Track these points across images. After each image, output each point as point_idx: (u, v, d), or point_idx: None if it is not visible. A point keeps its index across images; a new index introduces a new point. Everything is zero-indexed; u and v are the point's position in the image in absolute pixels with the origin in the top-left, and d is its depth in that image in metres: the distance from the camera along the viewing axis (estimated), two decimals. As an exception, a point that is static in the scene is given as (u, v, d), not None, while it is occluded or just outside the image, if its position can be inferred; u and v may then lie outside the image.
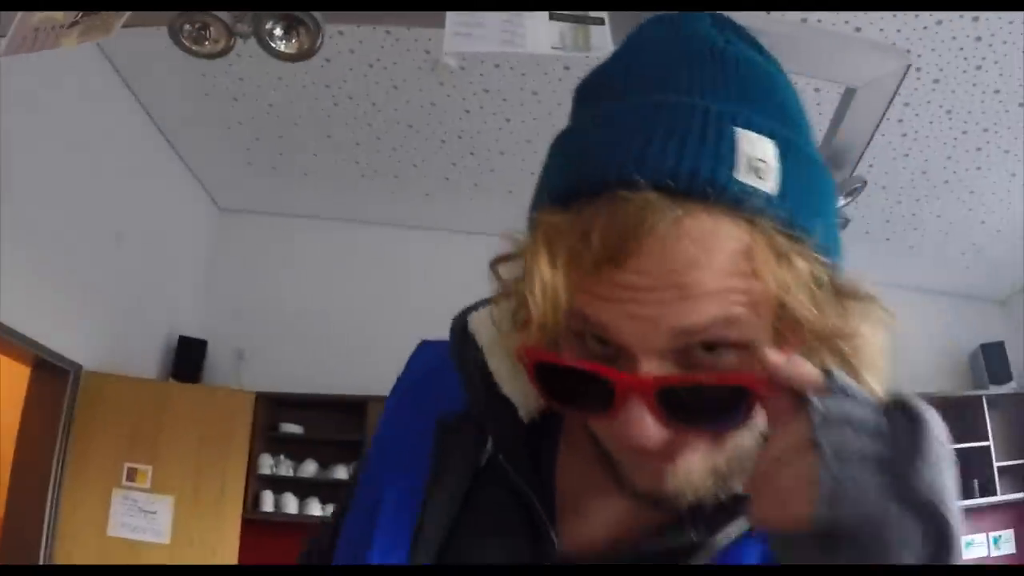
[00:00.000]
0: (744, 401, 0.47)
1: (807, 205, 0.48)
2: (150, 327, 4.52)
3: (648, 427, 0.48)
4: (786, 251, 0.46)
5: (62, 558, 3.66)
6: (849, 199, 2.11)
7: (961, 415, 4.98)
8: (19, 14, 1.71)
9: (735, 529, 0.54)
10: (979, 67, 3.13)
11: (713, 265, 0.44)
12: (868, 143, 1.98)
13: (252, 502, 4.11)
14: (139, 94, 4.07)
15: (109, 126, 3.94)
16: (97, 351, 3.90)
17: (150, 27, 1.75)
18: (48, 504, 3.65)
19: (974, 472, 4.87)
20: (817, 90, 2.77)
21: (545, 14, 1.60)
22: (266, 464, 4.32)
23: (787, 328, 0.47)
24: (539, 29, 1.60)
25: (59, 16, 1.72)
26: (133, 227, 4.16)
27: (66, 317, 3.66)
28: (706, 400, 0.48)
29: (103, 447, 3.83)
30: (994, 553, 5.00)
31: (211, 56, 1.66)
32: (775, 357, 0.45)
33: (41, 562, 3.58)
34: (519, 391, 0.59)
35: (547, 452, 0.61)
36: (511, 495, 0.59)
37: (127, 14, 1.64)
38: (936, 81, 3.21)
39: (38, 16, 1.72)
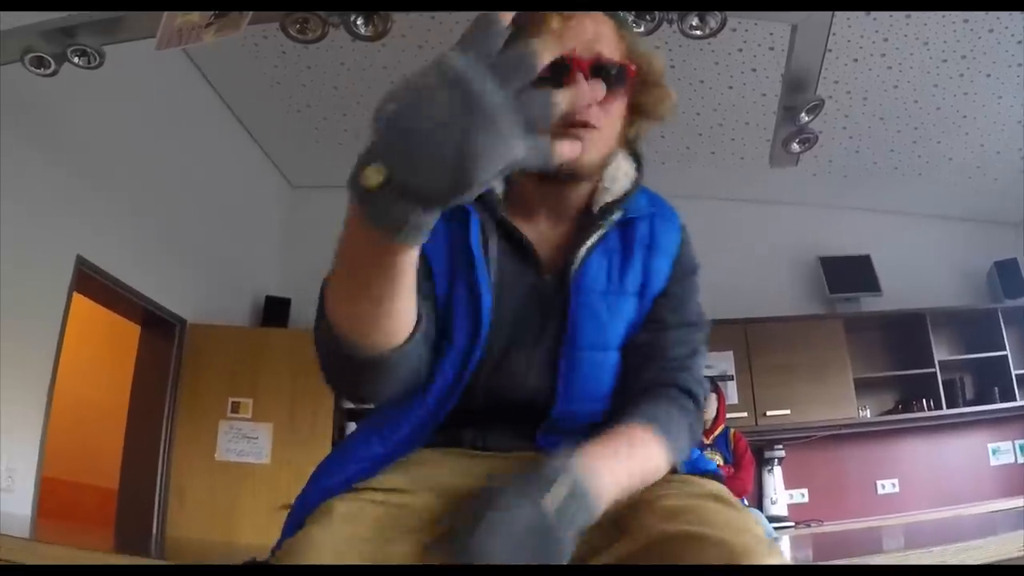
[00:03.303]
0: (626, 74, 0.99)
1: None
2: (240, 288, 5.24)
3: (587, 86, 0.78)
4: (630, 34, 1.03)
5: (176, 482, 4.33)
6: (811, 116, 2.61)
7: (979, 327, 5.37)
8: (163, 17, 2.33)
9: (614, 217, 1.03)
10: None
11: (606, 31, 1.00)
12: (821, 67, 2.49)
13: (339, 429, 4.74)
14: (218, 87, 4.73)
15: (194, 117, 4.63)
16: (197, 310, 4.63)
17: (263, 23, 2.35)
18: (163, 438, 4.34)
19: (994, 379, 5.23)
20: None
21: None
22: (349, 397, 4.93)
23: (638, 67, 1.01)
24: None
25: (196, 18, 2.34)
26: (220, 203, 4.88)
27: (171, 281, 4.39)
28: (613, 74, 0.97)
29: (209, 386, 4.52)
30: (1020, 460, 5.27)
31: (312, 42, 2.27)
32: None
33: (158, 489, 4.23)
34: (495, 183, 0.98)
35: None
36: (511, 242, 1.03)
37: (250, 14, 2.24)
38: (908, 16, 3.62)
39: (180, 19, 2.34)
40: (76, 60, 2.34)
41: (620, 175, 1.05)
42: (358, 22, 2.19)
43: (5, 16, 2.42)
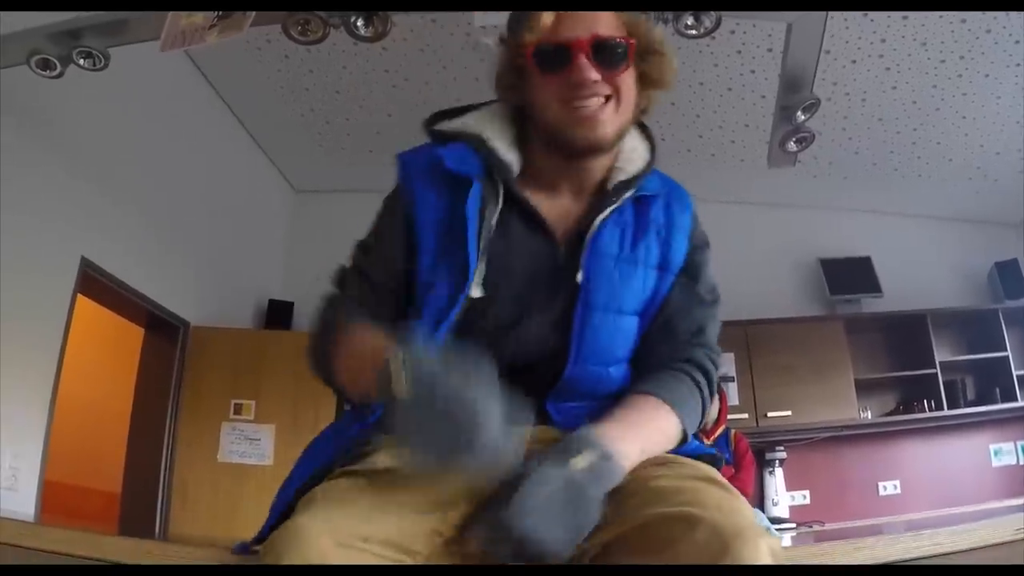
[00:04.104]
0: (627, 47, 1.03)
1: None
2: (243, 291, 5.27)
3: (589, 68, 1.00)
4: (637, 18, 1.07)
5: (179, 483, 4.34)
6: (808, 115, 2.63)
7: (980, 328, 5.36)
8: (167, 19, 2.36)
9: (628, 193, 1.08)
10: (940, 0, 3.55)
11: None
12: (816, 66, 2.51)
13: (343, 429, 4.77)
14: (221, 91, 4.76)
15: (198, 121, 4.66)
16: (200, 312, 4.66)
17: (266, 25, 2.38)
18: (166, 440, 4.36)
19: (995, 380, 5.21)
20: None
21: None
22: (350, 397, 4.97)
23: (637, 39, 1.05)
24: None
25: (200, 19, 2.37)
26: (223, 207, 4.91)
27: (175, 284, 4.42)
28: (615, 50, 1.02)
29: (211, 388, 4.54)
30: (1022, 462, 5.23)
31: (313, 43, 2.29)
32: None
33: (160, 491, 4.24)
34: (510, 157, 1.08)
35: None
36: (523, 213, 1.06)
37: (253, 15, 2.27)
38: (905, 17, 3.64)
39: (184, 21, 2.37)
40: (81, 62, 2.38)
41: (635, 156, 1.11)
42: (358, 23, 2.22)
43: (11, 19, 2.45)
